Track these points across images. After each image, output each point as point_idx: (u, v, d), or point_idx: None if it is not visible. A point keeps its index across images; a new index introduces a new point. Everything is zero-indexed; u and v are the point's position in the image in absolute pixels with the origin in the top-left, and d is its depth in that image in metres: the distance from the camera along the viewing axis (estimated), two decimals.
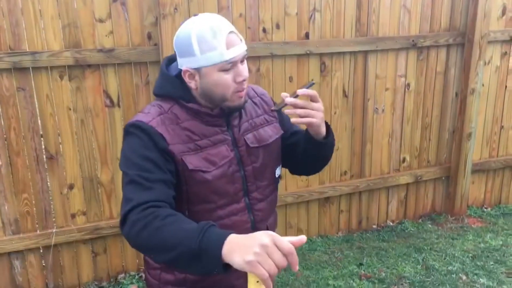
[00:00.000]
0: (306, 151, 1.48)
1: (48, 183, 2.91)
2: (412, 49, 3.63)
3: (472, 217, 4.12)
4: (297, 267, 1.02)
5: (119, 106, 2.94)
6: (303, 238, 1.01)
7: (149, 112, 1.34)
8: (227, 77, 1.29)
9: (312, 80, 1.36)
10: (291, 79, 3.31)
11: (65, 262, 3.04)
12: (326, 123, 1.44)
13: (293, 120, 1.33)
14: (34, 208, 2.89)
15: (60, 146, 2.87)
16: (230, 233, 1.07)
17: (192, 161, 1.31)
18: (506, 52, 3.95)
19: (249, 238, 1.03)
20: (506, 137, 4.19)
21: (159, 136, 1.28)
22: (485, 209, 4.26)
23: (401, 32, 3.56)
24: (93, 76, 2.84)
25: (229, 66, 1.27)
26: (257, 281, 1.04)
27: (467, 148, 3.92)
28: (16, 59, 2.63)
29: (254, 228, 1.45)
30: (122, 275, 3.18)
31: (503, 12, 3.83)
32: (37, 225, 2.92)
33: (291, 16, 3.22)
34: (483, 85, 3.90)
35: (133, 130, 1.30)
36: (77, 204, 2.98)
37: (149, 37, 2.91)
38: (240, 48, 1.28)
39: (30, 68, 2.70)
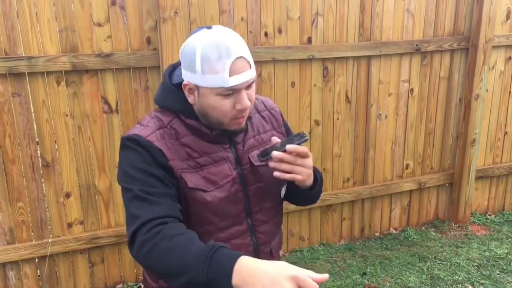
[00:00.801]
0: (292, 189, 1.40)
1: (44, 191, 2.82)
2: (415, 54, 3.57)
3: (476, 224, 4.05)
4: None
5: (117, 112, 2.86)
6: (325, 276, 0.95)
7: (148, 126, 1.25)
8: (225, 102, 1.19)
9: (305, 135, 1.24)
10: (293, 84, 3.24)
11: (61, 273, 2.95)
12: (316, 172, 1.36)
13: (275, 174, 1.23)
14: (30, 217, 2.81)
15: (57, 153, 2.79)
16: (238, 258, 1.00)
17: (192, 179, 1.23)
18: (510, 57, 3.90)
19: (268, 277, 0.94)
20: (510, 143, 4.13)
21: (158, 152, 1.20)
22: (488, 216, 4.19)
23: (404, 37, 3.50)
24: (91, 82, 2.76)
25: (229, 92, 1.17)
26: None
27: (471, 154, 3.86)
28: (12, 64, 2.55)
29: (257, 251, 1.37)
30: (120, 285, 3.10)
31: (508, 17, 3.78)
32: (32, 235, 2.83)
33: (294, 20, 3.15)
34: (487, 90, 3.84)
35: (130, 144, 1.22)
36: (74, 213, 2.89)
37: (149, 41, 2.83)
38: (246, 76, 1.17)
39: (26, 73, 2.62)
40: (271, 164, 1.23)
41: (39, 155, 2.76)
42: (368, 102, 3.52)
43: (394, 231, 3.90)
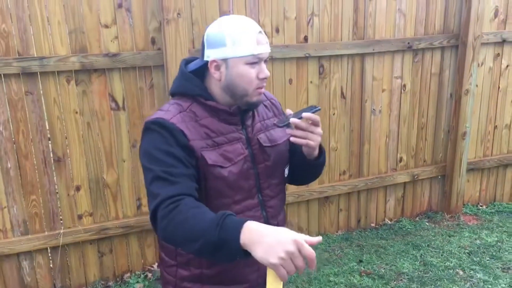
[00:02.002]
0: (298, 164, 1.57)
1: (56, 185, 2.98)
2: (407, 52, 3.74)
3: (468, 214, 4.22)
4: (315, 266, 1.12)
5: (124, 109, 3.01)
6: (319, 239, 1.11)
7: (169, 110, 1.39)
8: (252, 71, 1.36)
9: (318, 106, 1.43)
10: (290, 81, 3.40)
11: (72, 262, 3.11)
12: (321, 147, 1.52)
13: (292, 139, 1.41)
14: (42, 210, 2.96)
15: (67, 148, 2.94)
16: (246, 221, 1.14)
17: (211, 157, 1.37)
18: (498, 53, 4.06)
19: (274, 237, 1.09)
20: (500, 136, 4.30)
21: (180, 133, 1.34)
22: (480, 207, 4.36)
23: (397, 35, 3.66)
24: (99, 80, 2.92)
25: (255, 60, 1.35)
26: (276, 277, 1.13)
27: (462, 147, 4.02)
28: (25, 64, 2.70)
29: (267, 224, 1.51)
30: (128, 274, 3.25)
31: (496, 15, 3.94)
32: (45, 226, 2.98)
33: (290, 20, 3.31)
34: (477, 85, 4.01)
35: (154, 127, 1.36)
36: (83, 205, 3.05)
37: (153, 41, 2.99)
38: (266, 48, 1.37)
39: (38, 73, 2.77)
40: (288, 130, 1.40)
41: (50, 150, 2.91)
42: (363, 98, 3.68)
43: (389, 222, 4.06)
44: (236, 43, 1.33)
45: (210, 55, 1.38)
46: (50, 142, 2.91)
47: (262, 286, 1.45)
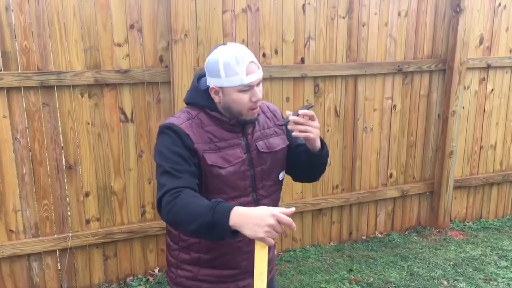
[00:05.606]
0: (306, 161, 1.80)
1: (66, 191, 3.19)
2: (398, 74, 3.99)
3: (455, 230, 4.42)
4: (295, 227, 1.39)
5: (132, 121, 3.24)
6: (292, 209, 1.40)
7: (180, 117, 1.65)
8: (245, 96, 1.59)
9: (311, 103, 1.71)
10: (288, 99, 3.64)
11: (79, 265, 3.30)
12: (321, 139, 1.75)
13: (294, 133, 1.65)
14: (53, 214, 3.16)
15: (79, 157, 3.16)
16: (233, 207, 1.40)
17: (212, 158, 1.61)
18: (484, 78, 4.32)
19: (257, 217, 1.36)
20: (486, 156, 4.53)
21: (187, 136, 1.59)
22: (467, 223, 4.56)
23: (387, 59, 3.92)
24: (110, 94, 3.15)
25: (246, 88, 1.58)
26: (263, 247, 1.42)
27: (449, 165, 4.25)
28: (43, 78, 2.94)
29: None
30: (131, 277, 3.44)
31: (481, 42, 4.22)
32: (54, 229, 3.18)
33: (288, 43, 3.57)
34: (463, 107, 4.25)
35: (166, 131, 1.61)
36: (91, 211, 3.25)
37: (161, 60, 3.23)
38: (257, 75, 1.59)
39: (55, 86, 3.00)
40: (290, 126, 1.63)
41: (63, 158, 3.13)
42: (355, 116, 3.92)
43: (379, 235, 4.26)
44: (228, 75, 1.56)
45: (210, 82, 1.62)
46: (63, 150, 3.13)
47: (251, 273, 1.67)
